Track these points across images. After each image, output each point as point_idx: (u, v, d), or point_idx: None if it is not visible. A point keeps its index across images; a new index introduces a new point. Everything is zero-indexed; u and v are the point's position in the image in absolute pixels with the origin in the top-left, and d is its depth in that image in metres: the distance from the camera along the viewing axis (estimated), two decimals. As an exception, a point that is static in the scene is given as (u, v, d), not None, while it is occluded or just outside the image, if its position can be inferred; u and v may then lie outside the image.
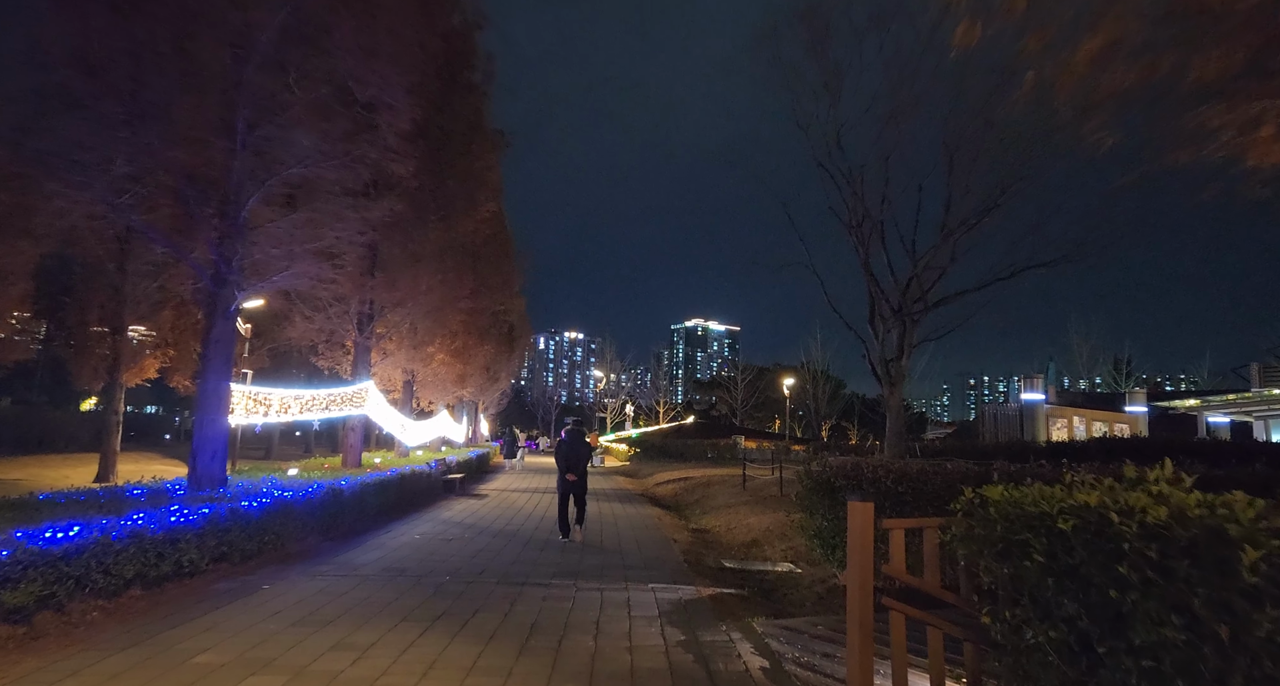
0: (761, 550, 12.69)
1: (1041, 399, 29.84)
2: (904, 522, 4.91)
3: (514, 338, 35.63)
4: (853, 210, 20.56)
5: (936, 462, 8.85)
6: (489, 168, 17.97)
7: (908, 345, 20.06)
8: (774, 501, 17.59)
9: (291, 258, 11.02)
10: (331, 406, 13.99)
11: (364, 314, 15.52)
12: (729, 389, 75.27)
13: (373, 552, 9.77)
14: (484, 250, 25.49)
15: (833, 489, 8.70)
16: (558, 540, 11.82)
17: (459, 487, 18.71)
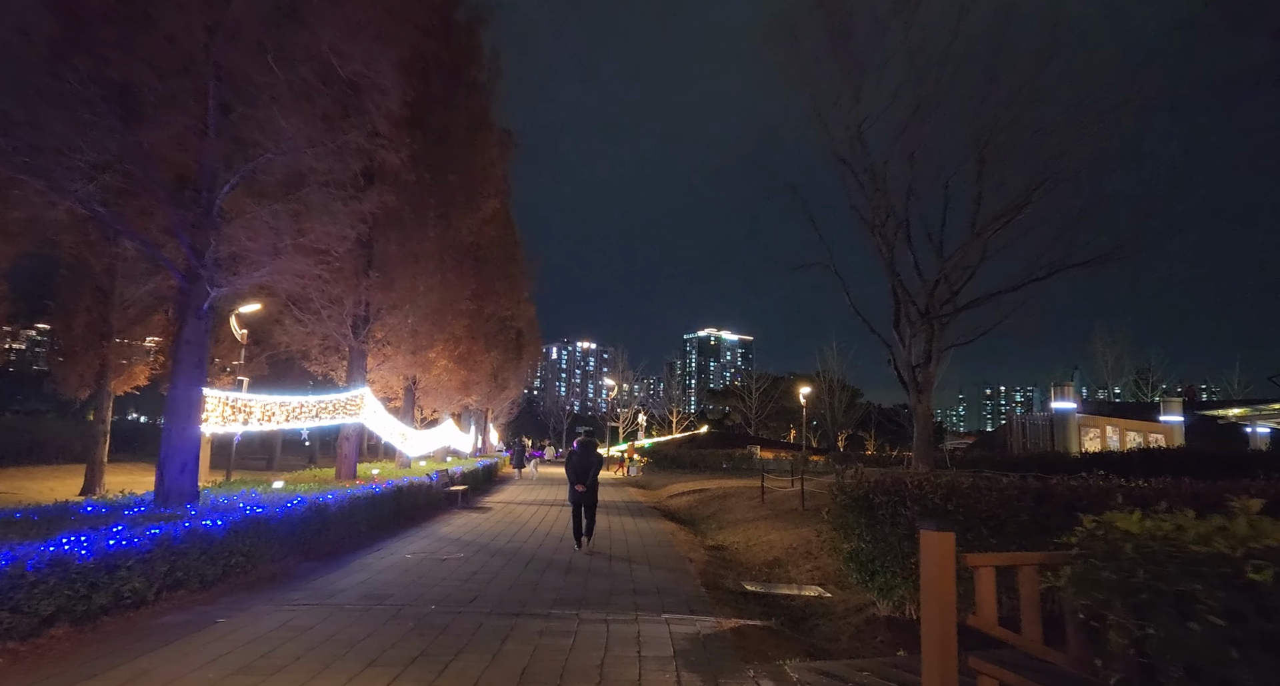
0: (785, 570, 11.64)
1: (1073, 407, 28.59)
2: (993, 558, 3.88)
3: (522, 344, 34.74)
4: (876, 208, 19.50)
5: (990, 477, 7.79)
6: (491, 163, 17.11)
7: (936, 350, 18.94)
8: (795, 516, 16.52)
9: (275, 253, 10.13)
10: (322, 414, 13.07)
11: (359, 316, 14.63)
12: (743, 398, 74.08)
13: (356, 575, 8.80)
14: (490, 253, 24.65)
15: (870, 506, 7.66)
16: (562, 559, 10.83)
17: (461, 500, 17.74)
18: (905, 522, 7.31)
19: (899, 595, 7.47)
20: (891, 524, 7.43)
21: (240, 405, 10.47)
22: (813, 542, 13.09)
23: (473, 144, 16.12)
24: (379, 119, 10.38)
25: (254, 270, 9.84)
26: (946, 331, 18.66)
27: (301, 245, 10.53)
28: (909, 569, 7.29)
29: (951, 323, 18.61)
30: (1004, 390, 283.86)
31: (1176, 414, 29.26)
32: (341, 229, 10.82)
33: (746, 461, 39.82)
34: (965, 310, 18.26)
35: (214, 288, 9.36)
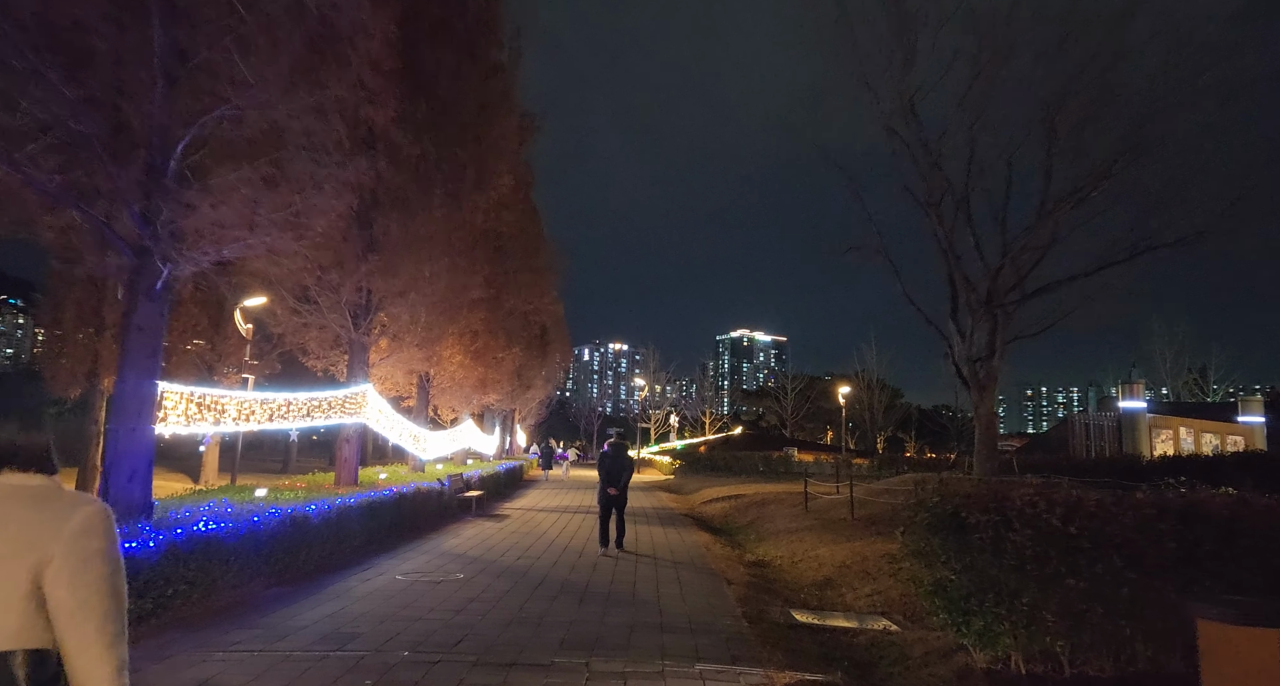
0: (839, 594, 9.96)
1: (1143, 407, 26.33)
2: None
3: (547, 342, 33.33)
4: (931, 185, 17.64)
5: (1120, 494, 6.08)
6: (504, 138, 15.67)
7: (1000, 342, 17.01)
8: (844, 527, 14.79)
9: (248, 227, 8.73)
10: (315, 413, 11.70)
11: (358, 305, 13.25)
12: (778, 398, 72.05)
13: (326, 605, 7.33)
14: (510, 243, 23.25)
15: (962, 527, 5.98)
16: (578, 580, 9.29)
17: (476, 508, 16.31)
18: (1014, 550, 5.61)
19: (1004, 644, 5.78)
20: (994, 552, 5.74)
21: (209, 402, 9.09)
22: (869, 560, 11.40)
23: (485, 119, 14.69)
24: (363, 68, 8.94)
25: (219, 245, 8.43)
26: (1011, 322, 16.79)
27: (281, 219, 9.12)
28: (1019, 612, 5.60)
29: (1017, 312, 16.73)
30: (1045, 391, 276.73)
31: (1257, 414, 26.85)
32: (328, 201, 9.40)
33: (784, 464, 37.98)
34: (1034, 297, 16.37)
35: (167, 263, 7.97)
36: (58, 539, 1.54)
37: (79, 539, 1.55)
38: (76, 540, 1.55)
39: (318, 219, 9.43)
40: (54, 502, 1.59)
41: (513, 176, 16.49)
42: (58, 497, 1.61)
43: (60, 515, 1.57)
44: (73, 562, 1.53)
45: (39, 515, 1.56)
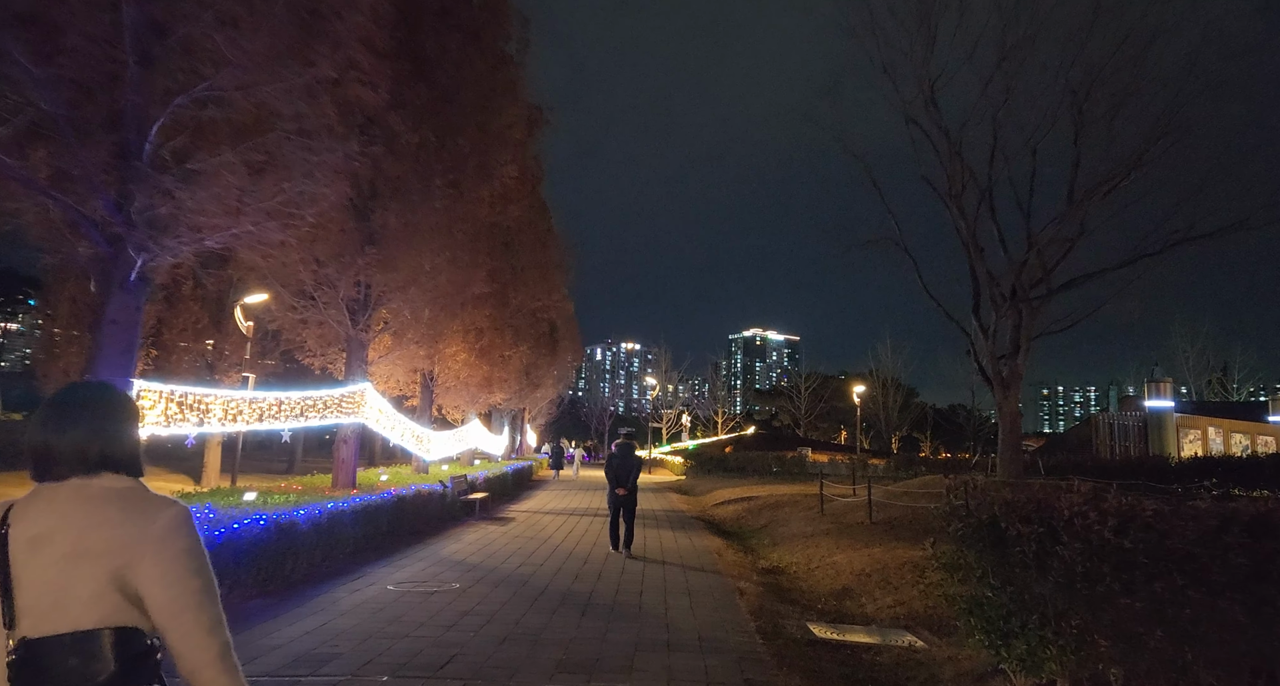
0: (859, 604, 9.38)
1: (1170, 406, 25.49)
2: None
3: (556, 339, 32.76)
4: (953, 176, 16.98)
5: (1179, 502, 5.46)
6: (510, 126, 15.14)
7: (1025, 338, 16.32)
8: (862, 531, 14.18)
9: (232, 214, 8.25)
10: (309, 413, 11.21)
11: (356, 300, 12.75)
12: (791, 398, 71.29)
13: (308, 620, 6.82)
14: (518, 237, 22.74)
15: (1001, 538, 5.38)
16: (582, 590, 8.75)
17: (480, 510, 15.81)
18: (1061, 566, 5.01)
19: (1049, 670, 5.18)
20: (1038, 567, 5.14)
21: (191, 402, 8.61)
22: (889, 567, 10.80)
23: (489, 108, 14.15)
24: (354, 46, 8.42)
25: (200, 233, 7.94)
26: (1037, 317, 16.09)
27: (269, 208, 8.63)
28: (1067, 635, 5.00)
29: (1043, 307, 16.04)
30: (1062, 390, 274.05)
31: (1289, 413, 25.95)
32: (319, 188, 8.90)
33: (798, 465, 37.29)
34: (1062, 292, 15.68)
35: (141, 252, 7.49)
36: (146, 538, 1.62)
37: (165, 538, 1.63)
38: (163, 539, 1.63)
39: (308, 207, 8.93)
40: (141, 504, 1.67)
41: (518, 167, 15.95)
42: (144, 499, 1.69)
43: (147, 516, 1.65)
44: (162, 561, 1.61)
45: (127, 516, 1.63)
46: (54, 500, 1.64)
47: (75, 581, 1.57)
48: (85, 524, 1.61)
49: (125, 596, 1.60)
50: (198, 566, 1.65)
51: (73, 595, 1.57)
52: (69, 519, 1.62)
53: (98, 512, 1.63)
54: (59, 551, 1.59)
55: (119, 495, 1.66)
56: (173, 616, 1.59)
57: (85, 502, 1.64)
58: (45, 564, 1.58)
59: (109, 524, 1.61)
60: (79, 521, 1.61)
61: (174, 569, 1.61)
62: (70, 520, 1.61)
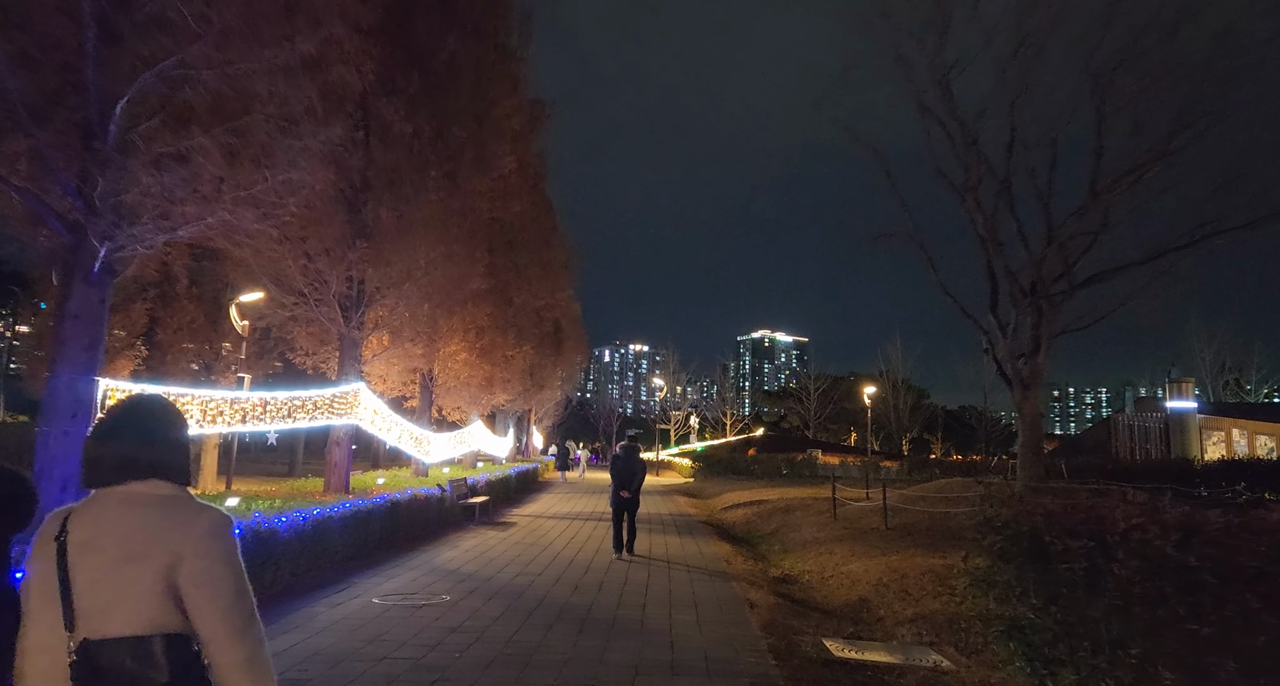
0: (877, 617, 8.78)
1: (1193, 407, 24.75)
2: None
3: (561, 340, 32.24)
4: (969, 168, 16.36)
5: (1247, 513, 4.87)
6: (508, 117, 14.61)
7: (1045, 336, 15.66)
8: (878, 537, 13.58)
9: (208, 203, 7.74)
10: (297, 414, 10.69)
11: (348, 297, 12.24)
12: (801, 399, 70.55)
13: (279, 640, 6.26)
14: (521, 235, 22.23)
15: (1044, 554, 4.80)
16: (581, 602, 8.20)
17: (479, 515, 15.26)
18: (1116, 586, 4.42)
19: (1103, 703, 4.58)
20: (1088, 587, 4.55)
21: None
22: (908, 577, 10.20)
23: (487, 97, 13.62)
24: (335, 22, 7.89)
25: (170, 222, 7.42)
26: (1058, 315, 15.43)
27: (246, 196, 8.11)
28: (1124, 665, 4.41)
29: (1065, 303, 15.37)
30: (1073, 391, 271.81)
31: (1315, 414, 25.18)
32: (300, 176, 8.38)
33: (808, 467, 36.65)
34: (1084, 288, 15.01)
35: (105, 242, 6.97)
36: (187, 541, 1.71)
37: (205, 541, 1.72)
38: (202, 542, 1.72)
39: (289, 196, 8.41)
40: (183, 509, 1.76)
41: (517, 160, 15.41)
42: (186, 504, 1.78)
43: (188, 520, 1.74)
44: (200, 563, 1.70)
45: (170, 520, 1.72)
46: (103, 506, 1.72)
47: (125, 583, 1.64)
48: (129, 528, 1.68)
49: (172, 599, 1.67)
50: (233, 570, 1.74)
51: (124, 597, 1.64)
52: (115, 524, 1.69)
53: (141, 517, 1.69)
54: (108, 555, 1.65)
55: (162, 500, 1.74)
56: (206, 616, 1.67)
57: (131, 508, 1.71)
58: (96, 567, 1.65)
59: (151, 527, 1.68)
60: (124, 526, 1.68)
61: (212, 569, 1.70)
62: (116, 525, 1.69)
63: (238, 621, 1.70)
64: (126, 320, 15.65)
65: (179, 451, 1.83)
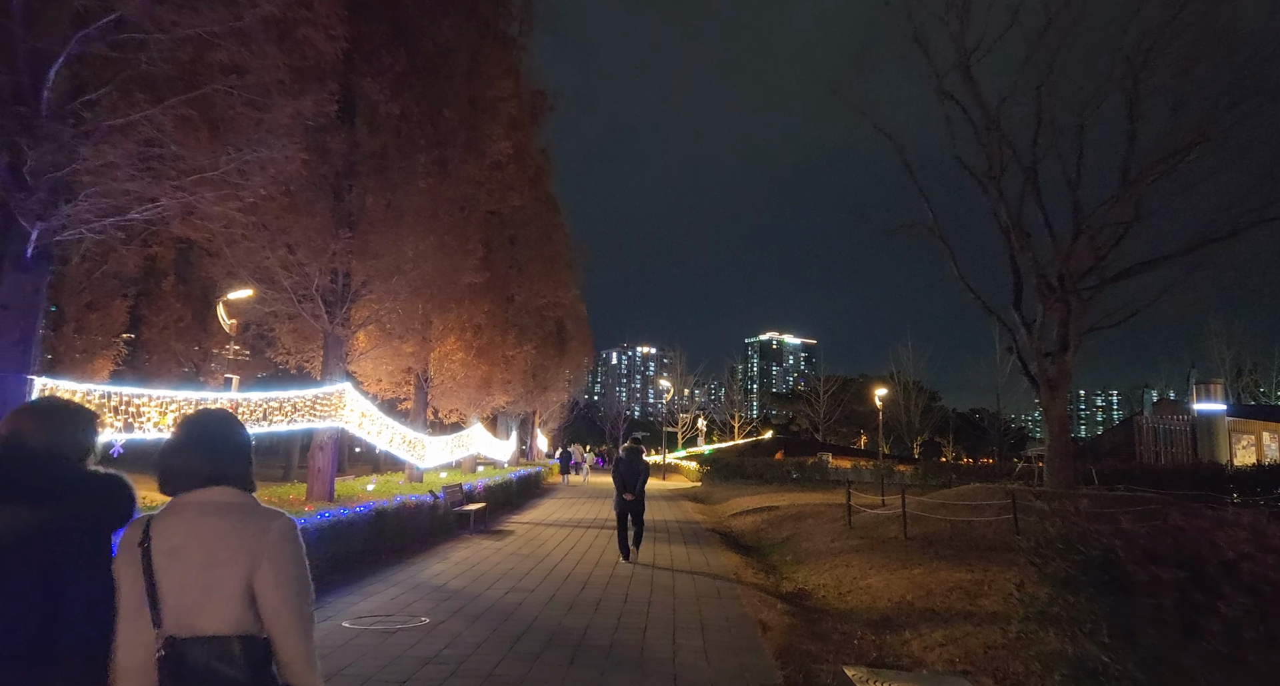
0: (903, 640, 7.94)
1: (1222, 410, 23.77)
2: None
3: (565, 340, 31.44)
4: (991, 155, 15.54)
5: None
6: (504, 99, 13.84)
7: (1074, 334, 14.82)
8: (897, 548, 12.74)
9: (160, 181, 6.98)
10: (274, 416, 9.92)
11: (331, 290, 11.48)
12: (810, 401, 69.57)
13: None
14: (522, 232, 21.47)
15: (1122, 584, 3.97)
16: (575, 625, 7.39)
17: (476, 522, 14.47)
18: (1221, 628, 3.58)
19: (1202, 771, 3.73)
20: (1184, 627, 3.71)
21: (116, 403, 7.33)
22: (935, 593, 9.38)
23: (480, 79, 12.84)
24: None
25: (115, 202, 6.66)
26: (1088, 310, 14.55)
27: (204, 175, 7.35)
28: (1232, 725, 3.57)
29: (1095, 299, 14.51)
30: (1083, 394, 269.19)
31: (1351, 417, 24.16)
32: (266, 153, 7.61)
33: (819, 471, 35.75)
34: (1116, 281, 14.15)
35: (38, 223, 6.21)
36: (263, 547, 1.86)
37: (279, 546, 1.88)
38: (277, 546, 1.88)
39: (254, 176, 7.64)
40: (256, 516, 1.92)
41: (513, 146, 14.64)
42: (257, 511, 1.94)
43: (263, 527, 1.89)
44: (276, 566, 1.85)
45: (247, 527, 1.88)
46: (183, 514, 1.89)
47: (210, 587, 1.81)
48: (212, 536, 1.85)
49: (249, 599, 1.83)
50: (301, 572, 1.92)
51: (209, 600, 1.80)
52: (199, 533, 1.86)
53: (221, 526, 1.87)
54: (194, 562, 1.82)
55: (237, 509, 1.91)
56: (279, 613, 1.83)
57: (209, 517, 1.88)
58: (183, 572, 1.81)
59: (231, 535, 1.86)
60: (207, 534, 1.85)
61: (284, 571, 1.86)
62: (199, 534, 1.85)
63: (304, 618, 1.87)
64: (106, 318, 14.95)
65: (243, 460, 1.97)
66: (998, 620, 7.92)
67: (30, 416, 2.11)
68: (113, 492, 2.09)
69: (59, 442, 2.07)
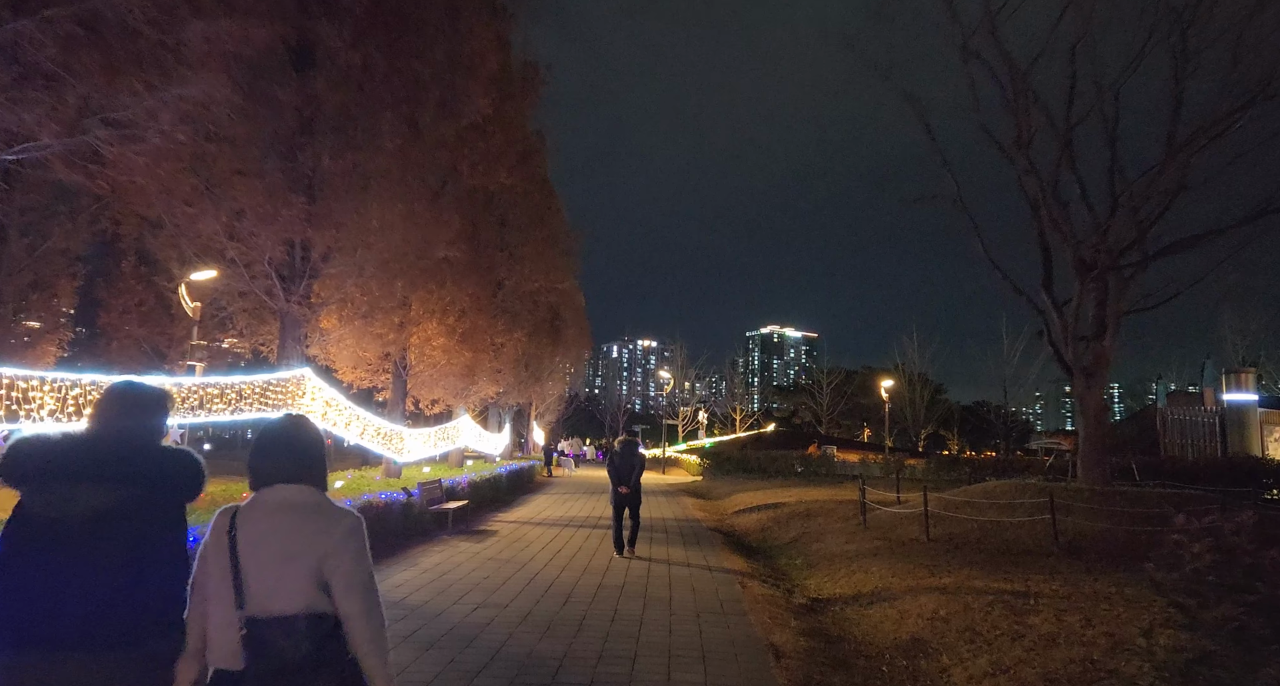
0: (941, 668, 6.71)
1: (1254, 400, 22.46)
2: None
3: (560, 329, 30.12)
4: (1021, 122, 14.22)
5: None
6: (483, 53, 12.50)
7: (1112, 315, 13.55)
8: (921, 552, 11.51)
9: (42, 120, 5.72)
10: (212, 404, 8.65)
11: (287, 264, 10.21)
12: (813, 394, 68.30)
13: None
14: (512, 212, 20.17)
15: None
16: (551, 652, 6.14)
17: (455, 521, 13.23)
18: None
19: None
20: None
21: (25, 385, 6.06)
22: (973, 609, 8.12)
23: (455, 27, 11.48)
24: None
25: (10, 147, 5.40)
26: (1128, 290, 13.26)
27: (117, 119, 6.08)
28: None
29: (1136, 277, 13.21)
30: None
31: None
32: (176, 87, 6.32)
33: (825, 464, 34.46)
34: (1161, 257, 12.85)
35: None
36: (332, 542, 2.13)
37: (346, 540, 2.16)
38: (344, 541, 2.15)
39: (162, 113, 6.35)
40: (328, 513, 2.20)
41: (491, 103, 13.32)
42: (328, 507, 2.22)
43: (333, 522, 2.17)
44: (344, 558, 2.13)
45: (318, 524, 2.15)
46: (264, 510, 2.16)
47: (285, 576, 2.08)
48: (290, 530, 2.12)
49: (319, 586, 2.10)
50: (365, 564, 2.18)
51: (283, 585, 2.07)
52: (278, 526, 2.12)
53: (298, 521, 2.14)
54: (272, 553, 2.09)
55: (313, 507, 2.19)
56: (345, 599, 2.10)
57: (287, 513, 2.15)
58: (263, 561, 2.08)
59: (307, 531, 2.13)
60: (285, 528, 2.13)
61: (349, 564, 2.13)
62: (278, 528, 2.12)
63: (369, 603, 2.14)
64: (51, 299, 13.67)
65: (319, 462, 2.30)
66: (1055, 644, 6.69)
67: (117, 401, 2.27)
68: (186, 469, 2.26)
69: (141, 425, 2.25)
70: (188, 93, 6.41)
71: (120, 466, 2.12)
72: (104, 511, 2.04)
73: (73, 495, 2.04)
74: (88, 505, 2.04)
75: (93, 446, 2.16)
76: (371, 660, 2.09)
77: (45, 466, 2.09)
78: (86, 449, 2.15)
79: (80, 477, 2.07)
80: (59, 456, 2.11)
